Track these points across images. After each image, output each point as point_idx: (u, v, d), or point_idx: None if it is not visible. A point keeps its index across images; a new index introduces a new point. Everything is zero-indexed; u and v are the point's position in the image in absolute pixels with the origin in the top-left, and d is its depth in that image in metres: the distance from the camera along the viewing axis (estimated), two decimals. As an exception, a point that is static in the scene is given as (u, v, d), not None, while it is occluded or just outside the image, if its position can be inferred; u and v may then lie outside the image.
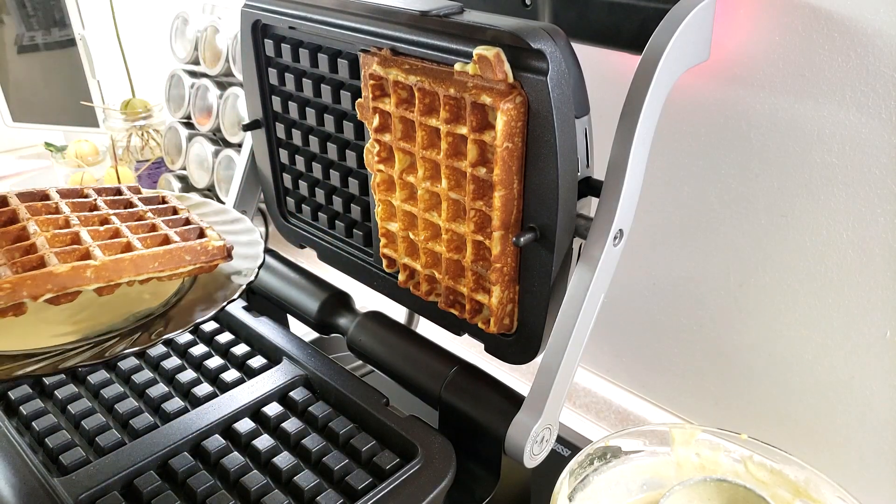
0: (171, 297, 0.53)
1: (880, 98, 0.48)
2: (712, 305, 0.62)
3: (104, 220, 0.53)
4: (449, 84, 0.46)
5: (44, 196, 0.54)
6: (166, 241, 0.51)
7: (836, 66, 0.49)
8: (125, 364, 0.60)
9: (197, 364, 0.61)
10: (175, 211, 0.57)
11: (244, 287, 0.51)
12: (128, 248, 0.49)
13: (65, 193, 0.55)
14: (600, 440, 0.50)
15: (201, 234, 0.53)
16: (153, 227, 0.53)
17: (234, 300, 0.50)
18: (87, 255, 0.47)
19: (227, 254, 0.53)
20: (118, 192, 0.58)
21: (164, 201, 0.58)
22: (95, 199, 0.55)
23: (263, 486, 0.48)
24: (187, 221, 0.55)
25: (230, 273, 0.53)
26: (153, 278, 0.50)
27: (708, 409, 0.66)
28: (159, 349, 0.62)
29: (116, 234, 0.51)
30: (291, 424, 0.53)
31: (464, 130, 0.47)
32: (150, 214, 0.55)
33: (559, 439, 0.61)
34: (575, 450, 0.60)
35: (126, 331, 0.49)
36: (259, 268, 0.53)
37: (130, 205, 0.56)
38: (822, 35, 0.49)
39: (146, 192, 0.59)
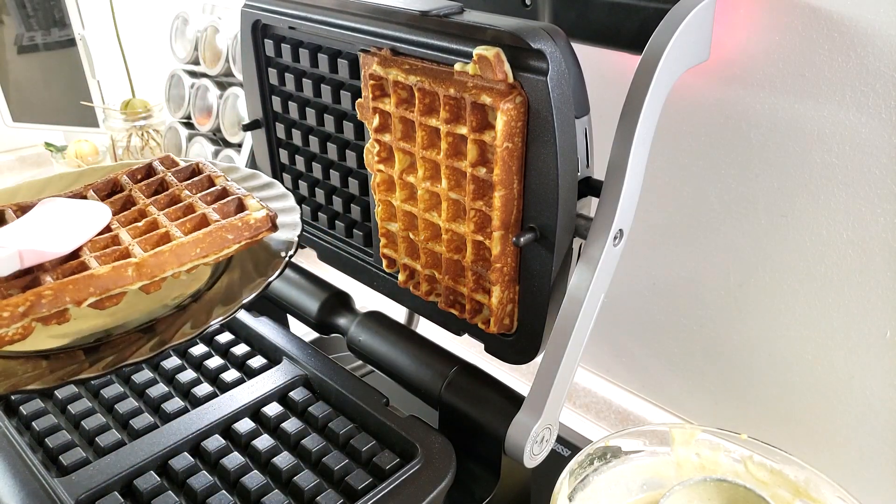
0: (210, 276, 0.51)
1: (880, 98, 0.48)
2: (712, 305, 0.62)
3: (142, 213, 0.51)
4: (449, 84, 0.46)
5: (82, 199, 0.53)
6: (205, 220, 0.49)
7: (836, 66, 0.49)
8: (125, 364, 0.60)
9: (197, 364, 0.61)
10: (211, 181, 0.54)
11: (287, 260, 0.48)
12: (166, 237, 0.47)
13: (101, 189, 0.54)
14: (600, 440, 0.50)
15: (240, 206, 0.50)
16: (190, 208, 0.50)
17: (278, 276, 0.48)
18: (126, 255, 0.46)
19: (272, 224, 0.49)
20: (151, 170, 0.56)
21: (198, 170, 0.55)
22: (131, 190, 0.53)
23: (263, 486, 0.48)
24: (224, 192, 0.52)
25: (269, 241, 0.51)
26: (198, 265, 0.47)
27: (708, 409, 0.66)
28: (159, 349, 0.62)
29: (154, 225, 0.49)
30: (291, 424, 0.53)
31: (464, 130, 0.47)
32: (186, 193, 0.52)
33: (559, 439, 0.61)
34: (575, 450, 0.60)
35: (172, 314, 0.47)
36: (299, 237, 0.50)
37: (164, 185, 0.54)
38: (822, 35, 0.49)
39: (181, 163, 0.56)
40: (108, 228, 0.50)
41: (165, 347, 0.43)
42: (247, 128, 0.69)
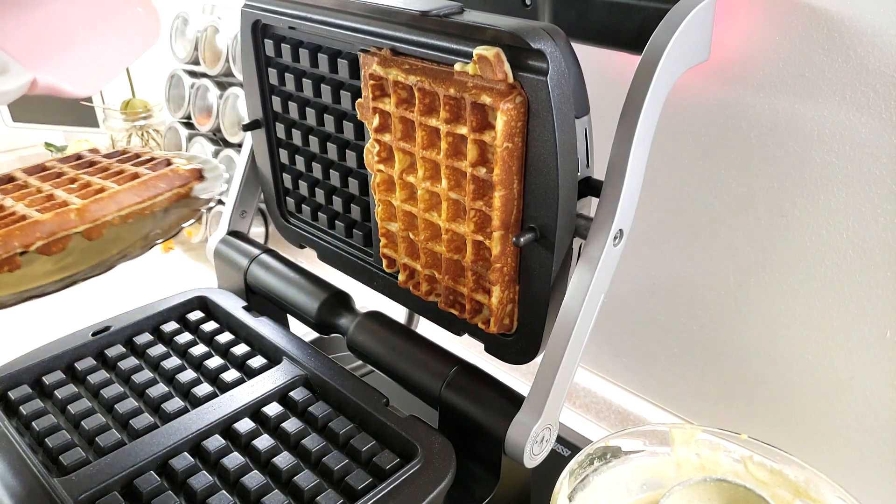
0: (151, 229, 0.55)
1: (880, 98, 0.48)
2: (712, 305, 0.62)
3: (73, 180, 0.55)
4: (449, 84, 0.46)
5: (10, 178, 0.56)
6: (137, 177, 0.53)
7: (836, 66, 0.49)
8: (125, 364, 0.60)
9: (197, 364, 0.61)
10: (138, 155, 0.59)
11: (216, 196, 0.53)
12: (102, 190, 0.51)
13: (29, 171, 0.57)
14: (600, 440, 0.50)
15: (168, 164, 0.56)
16: (122, 172, 0.55)
17: (212, 203, 0.53)
18: (66, 204, 0.49)
19: (199, 174, 0.56)
20: (79, 157, 0.60)
21: (126, 151, 0.61)
22: (60, 167, 0.57)
23: (263, 486, 0.48)
24: (152, 159, 0.57)
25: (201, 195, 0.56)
26: (135, 212, 0.52)
27: (708, 409, 0.66)
28: (159, 349, 0.62)
29: (88, 184, 0.53)
30: (291, 424, 0.53)
31: (464, 130, 0.47)
32: (115, 164, 0.57)
33: (559, 439, 0.61)
34: (575, 450, 0.60)
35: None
36: (227, 182, 0.56)
37: (94, 163, 0.59)
38: (822, 35, 0.49)
39: (105, 151, 0.62)
40: (40, 191, 0.52)
41: (104, 270, 0.46)
42: (247, 128, 0.69)
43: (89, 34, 0.43)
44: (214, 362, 0.61)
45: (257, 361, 0.60)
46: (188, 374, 0.59)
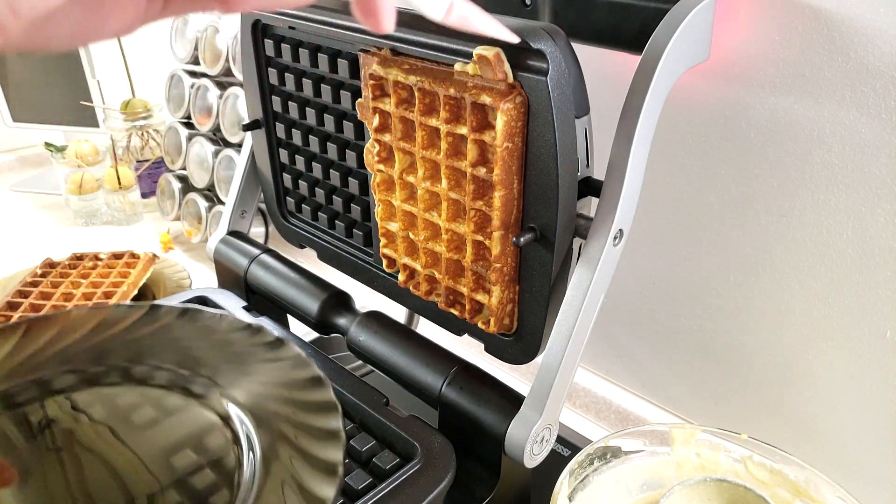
0: None
1: (880, 98, 0.48)
2: (712, 305, 0.62)
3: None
4: (449, 84, 0.46)
5: None
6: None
7: (836, 65, 0.49)
8: (125, 364, 0.60)
9: (197, 364, 0.61)
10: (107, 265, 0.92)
11: None
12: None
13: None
14: (600, 440, 0.50)
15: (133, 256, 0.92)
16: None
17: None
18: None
19: (154, 255, 0.92)
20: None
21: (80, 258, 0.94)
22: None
23: (263, 486, 0.48)
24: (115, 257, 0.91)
25: None
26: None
27: (708, 409, 0.66)
28: (159, 349, 0.62)
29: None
30: (291, 424, 0.53)
31: (464, 130, 0.47)
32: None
33: (559, 439, 0.61)
34: (575, 450, 0.60)
35: None
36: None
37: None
38: (822, 35, 0.49)
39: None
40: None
41: None
42: (247, 128, 0.69)
43: None
44: (214, 362, 0.60)
45: (257, 361, 0.60)
46: (188, 374, 0.59)
